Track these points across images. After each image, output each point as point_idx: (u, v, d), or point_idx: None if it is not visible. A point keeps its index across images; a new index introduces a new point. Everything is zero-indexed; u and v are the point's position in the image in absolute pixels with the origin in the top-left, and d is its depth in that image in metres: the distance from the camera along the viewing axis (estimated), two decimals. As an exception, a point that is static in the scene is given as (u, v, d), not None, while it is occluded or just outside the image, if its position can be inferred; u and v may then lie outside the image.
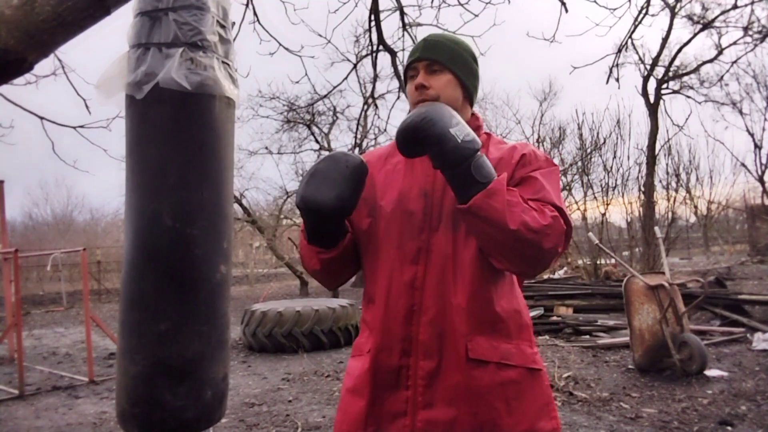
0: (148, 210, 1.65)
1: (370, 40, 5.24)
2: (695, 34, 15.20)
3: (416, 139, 1.21)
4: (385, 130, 14.97)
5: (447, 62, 1.39)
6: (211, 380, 1.81)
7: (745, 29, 14.34)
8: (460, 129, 1.19)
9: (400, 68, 5.52)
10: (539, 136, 21.79)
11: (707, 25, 14.74)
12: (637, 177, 14.89)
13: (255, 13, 4.60)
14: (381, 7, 4.94)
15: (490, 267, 1.30)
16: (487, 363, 1.28)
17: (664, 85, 16.26)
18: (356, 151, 14.11)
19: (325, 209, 1.26)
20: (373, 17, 4.98)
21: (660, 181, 15.54)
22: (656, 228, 7.47)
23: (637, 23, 5.40)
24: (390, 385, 1.31)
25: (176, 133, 1.78)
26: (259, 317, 7.01)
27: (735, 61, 16.23)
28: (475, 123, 1.44)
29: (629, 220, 14.54)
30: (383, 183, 1.42)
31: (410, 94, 1.41)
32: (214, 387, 1.82)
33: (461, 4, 4.68)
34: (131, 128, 1.86)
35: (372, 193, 1.41)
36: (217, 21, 2.43)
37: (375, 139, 17.25)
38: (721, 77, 16.70)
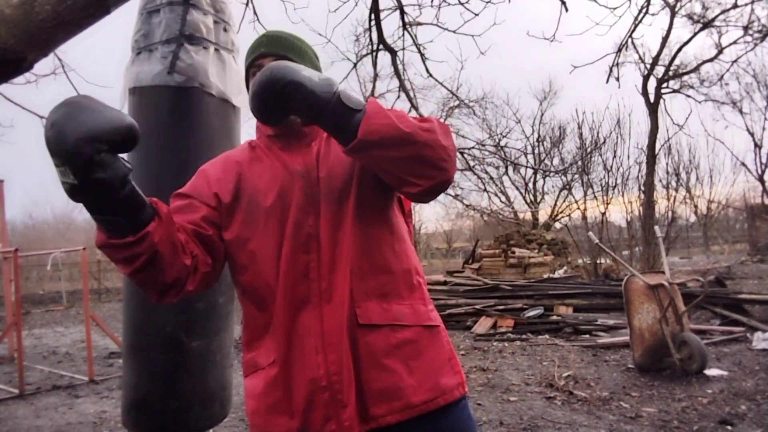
0: None
1: (370, 40, 5.24)
2: (695, 34, 15.21)
3: (272, 97, 1.10)
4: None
5: (293, 57, 1.35)
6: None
7: (745, 28, 14.33)
8: (310, 72, 1.12)
9: (401, 67, 5.52)
10: (539, 136, 21.80)
11: (707, 25, 14.74)
12: (637, 176, 14.92)
13: (255, 13, 4.60)
14: (381, 6, 4.94)
15: (374, 229, 1.27)
16: (380, 326, 1.23)
17: (664, 85, 16.27)
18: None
19: (76, 136, 0.94)
20: (373, 16, 4.98)
21: (660, 181, 15.57)
22: (656, 227, 7.47)
23: (637, 22, 5.40)
24: (316, 387, 1.23)
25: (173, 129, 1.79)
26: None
27: (735, 61, 16.24)
28: None
29: (629, 219, 14.55)
30: (256, 180, 1.31)
31: None
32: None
33: (461, 3, 4.68)
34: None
35: (250, 193, 1.30)
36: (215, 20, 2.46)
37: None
38: (721, 76, 16.71)
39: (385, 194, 1.32)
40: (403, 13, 5.07)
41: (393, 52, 5.30)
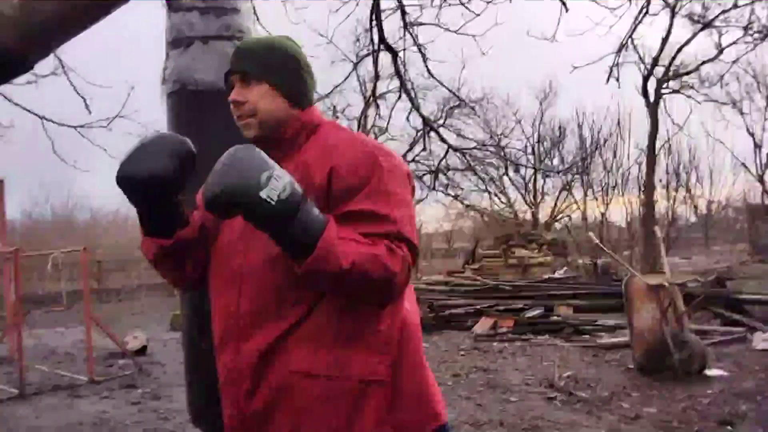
0: None
1: (371, 40, 5.24)
2: (695, 34, 15.20)
3: (225, 208, 1.10)
4: (386, 129, 14.96)
5: (259, 72, 1.27)
6: None
7: (745, 29, 14.32)
8: (272, 186, 1.05)
9: (402, 67, 5.52)
10: (539, 136, 21.80)
11: (707, 25, 14.73)
12: (637, 176, 14.93)
13: (255, 13, 4.60)
14: (382, 7, 4.94)
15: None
16: (315, 376, 1.19)
17: (664, 85, 16.27)
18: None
19: (141, 177, 1.19)
20: (374, 16, 4.98)
21: (660, 181, 15.58)
22: (656, 227, 7.48)
23: (637, 23, 5.41)
24: (230, 413, 1.29)
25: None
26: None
27: (735, 61, 16.22)
28: (299, 123, 1.30)
29: (629, 219, 14.57)
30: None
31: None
32: None
33: (462, 4, 4.68)
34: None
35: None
36: None
37: (375, 139, 17.24)
38: (721, 77, 16.69)
39: None
40: (404, 13, 5.07)
41: (394, 52, 5.30)
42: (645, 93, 15.92)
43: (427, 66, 5.47)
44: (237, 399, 1.25)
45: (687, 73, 16.59)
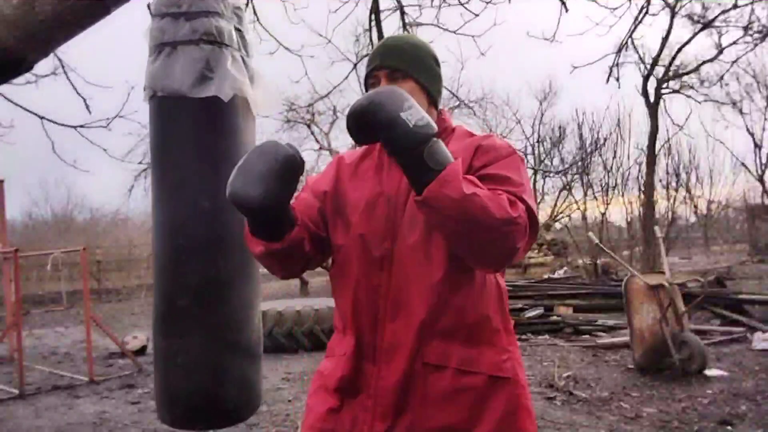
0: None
1: (371, 40, 5.24)
2: (695, 34, 15.19)
3: (365, 123, 1.13)
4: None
5: (409, 69, 1.34)
6: None
7: (745, 29, 14.32)
8: (412, 113, 1.11)
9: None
10: (539, 136, 21.80)
11: (707, 25, 14.74)
12: (637, 176, 14.92)
13: (255, 13, 4.60)
14: (381, 7, 4.94)
15: (455, 272, 1.25)
16: (444, 368, 1.25)
17: (664, 85, 16.26)
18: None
19: (252, 206, 1.18)
20: (373, 17, 4.98)
21: (660, 181, 15.56)
22: (656, 227, 7.47)
23: (637, 23, 5.41)
24: (354, 391, 1.30)
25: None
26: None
27: (735, 61, 16.21)
28: (441, 125, 1.37)
29: (629, 219, 14.56)
30: (352, 193, 1.38)
31: None
32: None
33: (462, 4, 4.68)
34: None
35: (343, 204, 1.38)
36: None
37: (375, 138, 17.23)
38: (721, 77, 16.70)
39: None
40: (403, 13, 5.07)
41: (393, 53, 5.29)
42: (645, 93, 15.92)
43: (427, 66, 5.46)
44: (378, 379, 1.28)
45: (687, 73, 16.60)
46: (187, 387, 2.59)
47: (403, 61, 1.34)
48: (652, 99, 15.84)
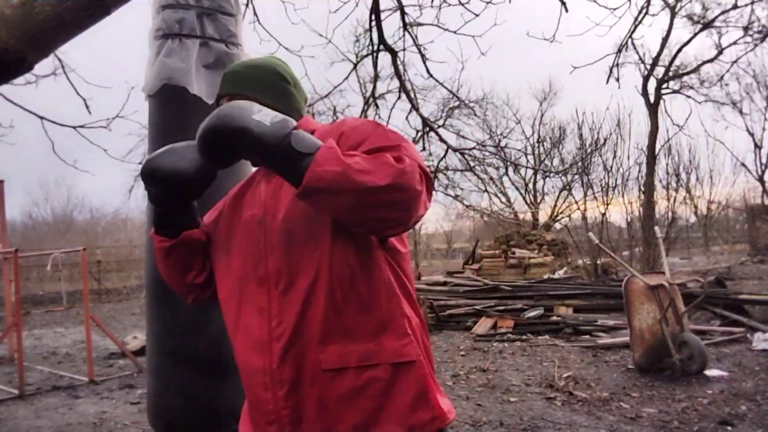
0: None
1: (371, 40, 5.24)
2: (695, 34, 15.22)
3: (221, 139, 1.10)
4: (385, 130, 14.94)
5: (246, 91, 1.34)
6: None
7: (745, 29, 14.34)
8: (264, 114, 1.10)
9: (401, 68, 5.52)
10: (539, 136, 21.80)
11: (707, 25, 14.74)
12: (637, 177, 14.90)
13: (255, 13, 4.61)
14: (381, 7, 4.94)
15: (335, 272, 1.23)
16: (345, 369, 1.22)
17: (664, 85, 16.27)
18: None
19: (161, 174, 1.25)
20: (373, 17, 4.98)
21: (660, 181, 15.55)
22: (656, 228, 7.47)
23: (637, 23, 5.41)
24: (264, 422, 1.28)
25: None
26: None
27: (735, 61, 16.25)
28: (305, 128, 1.31)
29: (629, 220, 14.54)
30: (231, 218, 1.40)
31: None
32: None
33: (462, 4, 4.68)
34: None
35: (222, 234, 1.41)
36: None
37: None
38: (721, 77, 16.73)
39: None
40: (403, 13, 5.07)
41: (393, 53, 5.30)
42: (645, 93, 15.93)
43: (426, 66, 5.47)
44: (276, 402, 1.25)
45: (687, 74, 16.61)
46: (149, 392, 2.55)
47: (239, 86, 1.36)
48: (652, 99, 15.84)
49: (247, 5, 4.50)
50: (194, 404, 2.38)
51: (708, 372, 4.80)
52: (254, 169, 1.47)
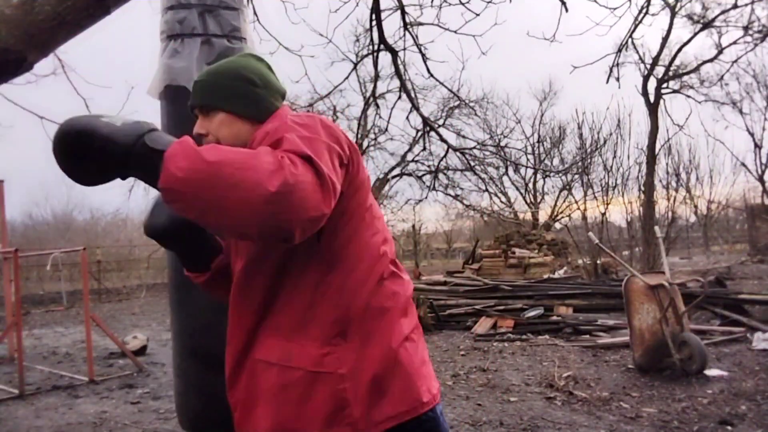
0: None
1: (371, 40, 5.24)
2: (695, 34, 15.22)
3: (67, 151, 1.00)
4: (386, 129, 14.98)
5: (210, 102, 1.31)
6: None
7: (745, 29, 14.34)
8: (114, 117, 1.02)
9: (402, 67, 5.52)
10: (539, 136, 21.80)
11: (707, 25, 14.74)
12: (637, 177, 14.90)
13: (255, 13, 4.61)
14: (382, 7, 4.94)
15: (278, 276, 1.24)
16: (272, 364, 1.24)
17: (664, 85, 16.27)
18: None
19: (160, 233, 1.30)
20: (374, 16, 4.98)
21: (660, 181, 15.56)
22: (656, 227, 7.46)
23: (637, 23, 5.41)
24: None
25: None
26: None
27: (735, 61, 16.25)
28: (261, 136, 1.24)
29: (629, 219, 14.54)
30: None
31: None
32: None
33: (462, 3, 4.68)
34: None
35: None
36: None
37: (375, 139, 17.25)
38: (721, 77, 16.73)
39: None
40: (404, 13, 5.07)
41: (394, 52, 5.30)
42: (645, 93, 15.93)
43: (427, 66, 5.47)
44: (233, 397, 1.35)
45: (687, 73, 16.61)
46: (174, 391, 2.59)
47: (202, 97, 1.32)
48: (652, 99, 15.84)
49: (247, 5, 4.50)
50: (213, 403, 2.43)
51: (708, 372, 4.80)
52: None
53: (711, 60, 16.09)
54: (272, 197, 0.95)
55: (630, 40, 5.84)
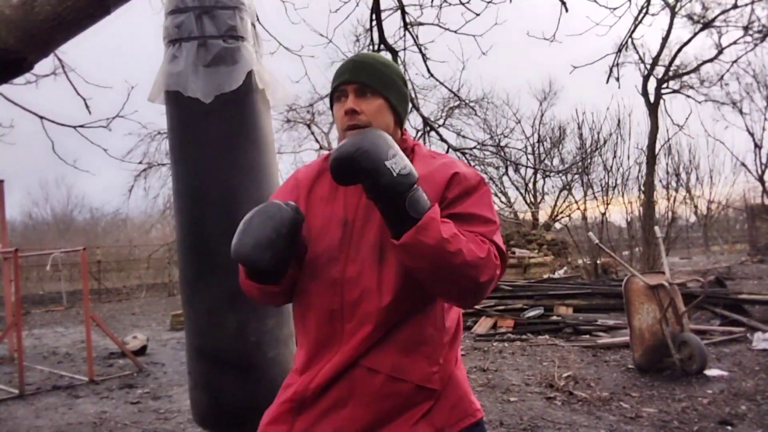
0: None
1: (371, 40, 5.24)
2: (695, 34, 15.22)
3: (350, 170, 1.16)
4: (385, 129, 14.96)
5: (378, 86, 1.34)
6: None
7: (746, 29, 14.35)
8: (396, 161, 1.14)
9: (402, 67, 5.52)
10: (539, 136, 21.80)
11: (707, 25, 14.75)
12: (637, 177, 14.91)
13: (255, 13, 4.59)
14: (382, 7, 4.94)
15: (403, 296, 1.27)
16: (378, 372, 1.27)
17: (664, 85, 16.28)
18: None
19: (260, 269, 1.26)
20: (374, 16, 4.98)
21: (660, 181, 15.56)
22: (656, 227, 7.47)
23: (637, 23, 5.40)
24: (305, 404, 1.33)
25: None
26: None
27: (735, 61, 16.25)
28: (403, 144, 1.37)
29: (629, 219, 14.55)
30: (308, 211, 1.39)
31: (339, 118, 1.34)
32: None
33: (463, 3, 4.67)
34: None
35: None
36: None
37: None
38: (721, 77, 16.73)
39: None
40: (404, 13, 5.07)
41: (394, 52, 5.30)
42: (645, 93, 15.93)
43: (427, 66, 5.47)
44: (316, 395, 1.30)
45: (687, 73, 16.61)
46: (188, 387, 2.64)
47: (374, 78, 1.34)
48: (652, 99, 15.84)
49: (249, 2, 4.49)
50: (219, 400, 2.46)
51: (708, 372, 4.80)
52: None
53: (711, 60, 16.10)
54: (479, 286, 1.22)
55: (630, 40, 5.84)
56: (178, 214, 2.59)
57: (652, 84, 16.05)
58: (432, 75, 5.61)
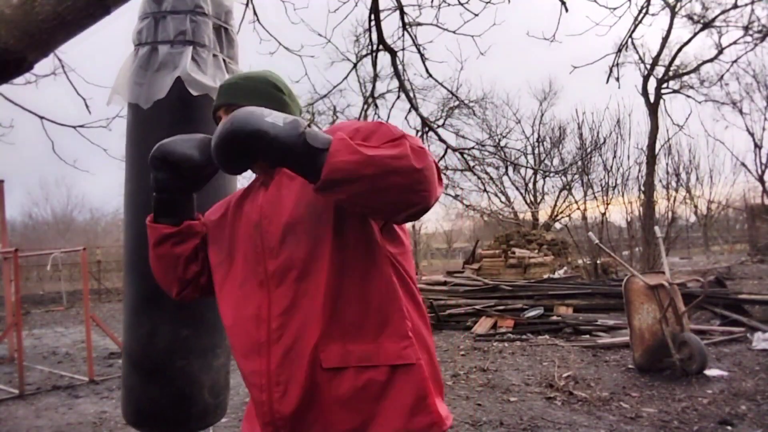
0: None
1: (370, 40, 5.24)
2: (695, 34, 15.22)
3: (236, 145, 1.12)
4: (385, 129, 14.96)
5: (241, 99, 1.36)
6: None
7: (746, 29, 14.34)
8: (275, 116, 1.12)
9: (401, 68, 5.52)
10: (539, 136, 21.81)
11: (707, 25, 14.75)
12: (637, 177, 14.91)
13: (255, 13, 4.60)
14: (381, 7, 4.94)
15: (335, 272, 1.25)
16: (344, 369, 1.23)
17: (664, 85, 16.28)
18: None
19: (188, 165, 1.31)
20: (373, 17, 4.98)
21: (660, 181, 15.57)
22: (656, 227, 7.47)
23: (637, 23, 5.40)
24: (261, 423, 1.29)
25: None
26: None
27: (735, 61, 16.26)
28: None
29: (629, 219, 14.54)
30: (227, 227, 1.43)
31: None
32: None
33: (461, 4, 4.68)
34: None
35: (220, 235, 1.44)
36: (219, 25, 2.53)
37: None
38: (721, 77, 16.73)
39: (363, 225, 1.28)
40: (402, 13, 5.07)
41: (393, 53, 5.30)
42: (645, 93, 15.94)
43: (426, 66, 5.47)
44: (271, 404, 1.26)
45: (687, 73, 16.62)
46: None
47: (236, 96, 1.39)
48: (652, 99, 15.85)
49: (247, 5, 4.49)
50: (129, 398, 2.51)
51: (708, 372, 4.80)
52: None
53: (711, 60, 16.11)
54: (421, 174, 1.13)
55: (630, 40, 5.84)
56: (125, 202, 2.61)
57: (652, 84, 16.09)
58: (431, 75, 5.61)
